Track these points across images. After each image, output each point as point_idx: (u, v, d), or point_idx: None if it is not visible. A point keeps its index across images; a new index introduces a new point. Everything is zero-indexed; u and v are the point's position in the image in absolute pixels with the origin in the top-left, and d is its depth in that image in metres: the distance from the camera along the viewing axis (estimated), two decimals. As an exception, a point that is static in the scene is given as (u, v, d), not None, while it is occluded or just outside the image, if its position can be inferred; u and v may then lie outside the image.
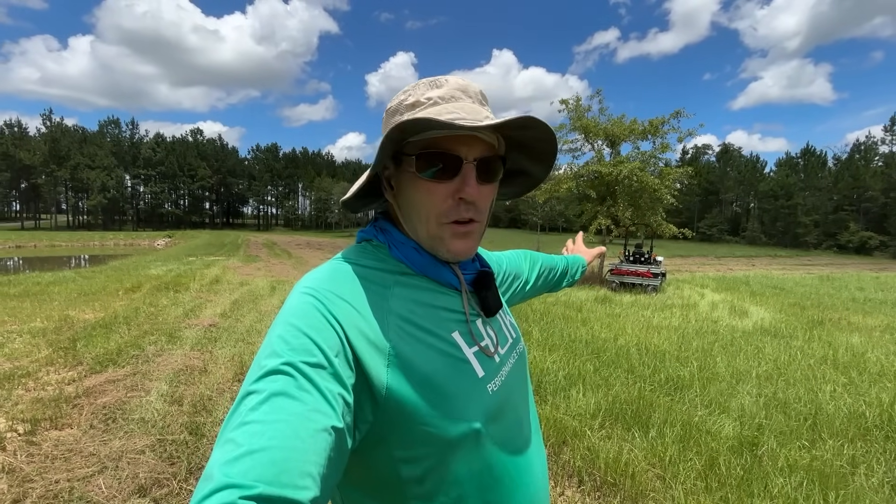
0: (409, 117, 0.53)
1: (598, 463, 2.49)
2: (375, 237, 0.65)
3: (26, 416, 2.93)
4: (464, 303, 0.64)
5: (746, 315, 8.13)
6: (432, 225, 0.60)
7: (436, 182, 0.58)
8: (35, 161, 65.77)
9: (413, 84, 0.62)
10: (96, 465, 2.36)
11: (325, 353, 0.47)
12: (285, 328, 0.49)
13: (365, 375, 0.50)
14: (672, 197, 12.09)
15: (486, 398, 0.58)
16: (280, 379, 0.44)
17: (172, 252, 24.56)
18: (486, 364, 0.61)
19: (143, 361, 4.17)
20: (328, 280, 0.56)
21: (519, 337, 0.75)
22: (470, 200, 0.58)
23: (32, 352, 4.44)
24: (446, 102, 0.59)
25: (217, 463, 0.38)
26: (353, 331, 0.51)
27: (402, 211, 0.63)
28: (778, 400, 3.56)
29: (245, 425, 0.40)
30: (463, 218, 0.59)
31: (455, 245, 0.60)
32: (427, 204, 0.59)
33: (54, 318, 6.00)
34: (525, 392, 0.70)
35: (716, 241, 72.71)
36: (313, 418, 0.42)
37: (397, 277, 0.60)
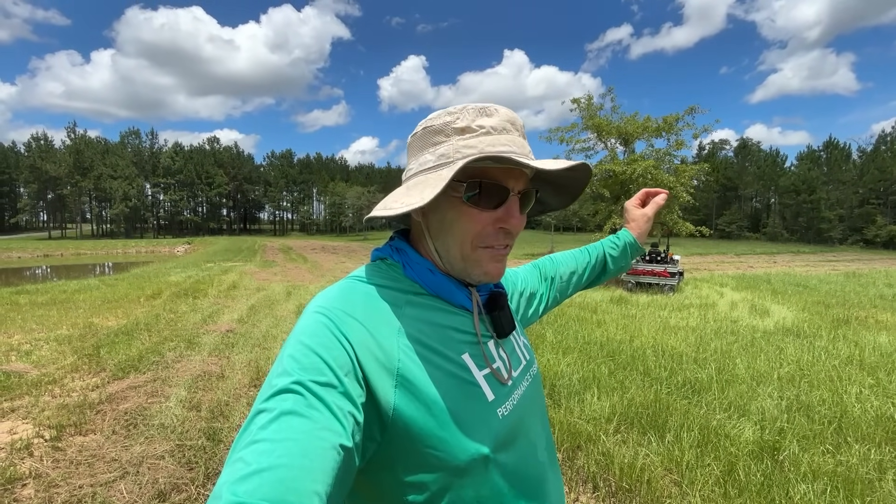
0: (483, 151, 0.56)
1: (612, 468, 2.46)
2: (390, 256, 0.65)
3: (52, 422, 3.03)
4: (476, 325, 0.63)
5: (768, 314, 7.94)
6: (468, 247, 0.60)
7: (480, 210, 0.59)
8: (60, 172, 67.96)
9: (459, 107, 0.62)
10: (118, 471, 2.43)
11: (336, 372, 0.47)
12: (296, 347, 0.49)
13: (373, 395, 0.50)
14: (688, 195, 11.88)
15: (495, 423, 0.57)
16: (290, 398, 0.44)
17: (191, 258, 25.10)
18: (496, 388, 0.60)
19: (163, 367, 4.27)
20: (340, 299, 0.56)
21: (533, 359, 0.74)
22: (513, 231, 0.61)
23: (58, 359, 4.59)
24: (498, 134, 0.59)
25: (226, 482, 0.38)
26: (363, 350, 0.51)
27: (431, 230, 0.63)
28: (801, 403, 3.46)
29: (254, 444, 0.40)
30: (501, 244, 0.61)
31: (491, 267, 0.62)
32: (468, 229, 0.59)
33: (79, 326, 6.19)
34: (539, 416, 0.69)
35: (735, 238, 71.15)
36: (323, 437, 0.42)
37: (409, 297, 0.61)
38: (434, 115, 0.63)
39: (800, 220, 68.98)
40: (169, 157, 80.00)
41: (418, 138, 0.64)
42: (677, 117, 11.95)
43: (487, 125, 0.59)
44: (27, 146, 73.62)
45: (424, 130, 0.63)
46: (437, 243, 0.63)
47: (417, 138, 0.64)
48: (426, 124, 0.63)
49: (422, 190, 0.57)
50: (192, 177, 79.50)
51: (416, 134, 0.64)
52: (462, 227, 0.60)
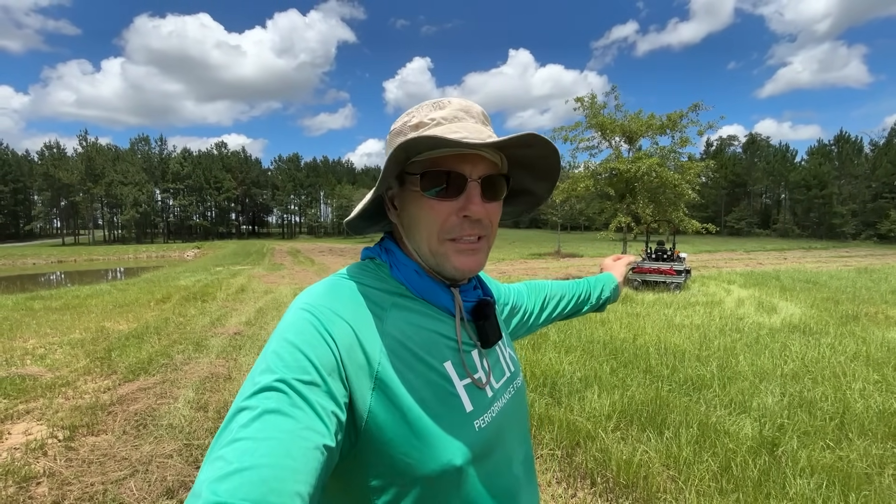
0: (413, 136, 0.54)
1: (610, 465, 2.49)
2: (379, 256, 0.65)
3: (65, 423, 3.12)
4: (457, 330, 0.62)
5: (775, 311, 7.88)
6: (434, 242, 0.60)
7: (440, 200, 0.58)
8: (73, 180, 69.15)
9: (416, 106, 0.63)
10: (128, 469, 2.51)
11: (319, 371, 0.47)
12: (280, 344, 0.49)
13: (352, 395, 0.50)
14: (693, 192, 11.81)
15: (471, 435, 0.55)
16: (273, 396, 0.43)
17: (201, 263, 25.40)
18: (476, 398, 0.59)
19: (172, 370, 4.36)
20: (326, 296, 0.56)
21: (518, 371, 0.72)
22: (475, 218, 0.59)
23: (72, 362, 4.71)
24: (450, 123, 0.59)
25: (206, 480, 0.37)
26: (347, 350, 0.51)
27: (405, 230, 0.63)
28: (803, 399, 3.46)
29: (236, 442, 0.39)
30: (469, 235, 0.59)
31: (460, 261, 0.60)
32: (430, 221, 0.59)
33: (91, 330, 6.33)
34: (520, 430, 0.67)
35: (745, 235, 70.38)
36: (306, 436, 0.42)
37: (395, 299, 0.60)
38: (398, 119, 0.64)
39: (811, 215, 68.06)
40: (178, 162, 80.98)
41: (387, 143, 0.65)
42: (681, 114, 11.89)
43: (438, 117, 0.59)
44: (40, 154, 75.04)
45: (389, 135, 0.65)
46: (410, 242, 0.63)
47: (386, 143, 0.65)
48: (392, 127, 0.64)
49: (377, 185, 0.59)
50: (200, 182, 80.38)
51: (386, 140, 0.66)
52: (425, 220, 0.59)
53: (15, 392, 3.75)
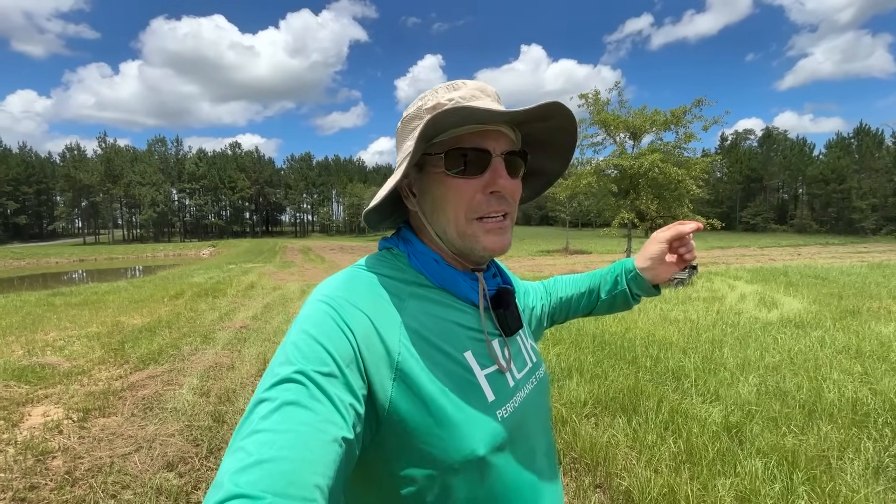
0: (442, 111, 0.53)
1: (577, 446, 2.65)
2: (396, 246, 0.65)
3: (80, 406, 3.39)
4: (481, 316, 0.61)
5: (775, 306, 7.89)
6: (462, 222, 0.59)
7: (465, 178, 0.57)
8: (93, 181, 71.20)
9: (430, 90, 0.62)
10: (134, 446, 2.75)
11: (338, 363, 0.47)
12: (299, 336, 0.49)
13: (372, 387, 0.50)
14: (698, 188, 11.78)
15: (493, 424, 0.55)
16: (292, 388, 0.44)
17: (215, 261, 26.02)
18: (498, 388, 0.58)
19: (180, 360, 4.64)
20: (344, 288, 0.56)
21: (540, 362, 0.72)
22: (502, 194, 0.58)
23: (88, 353, 5.01)
24: (468, 102, 0.58)
25: (227, 471, 0.38)
26: (365, 341, 0.51)
27: (427, 215, 0.62)
28: (778, 389, 3.56)
29: (256, 434, 0.40)
30: (495, 212, 0.59)
31: (489, 241, 0.59)
32: (456, 201, 0.58)
33: (107, 324, 6.67)
34: (542, 420, 0.67)
35: (760, 230, 69.12)
36: (324, 429, 0.42)
37: (413, 289, 0.59)
38: (410, 105, 0.64)
39: (829, 210, 66.50)
40: (193, 163, 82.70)
41: (400, 131, 0.64)
42: (685, 110, 11.86)
43: (456, 96, 0.59)
44: (62, 156, 77.39)
45: (403, 121, 0.64)
46: (434, 227, 0.62)
47: (399, 132, 0.64)
48: (404, 115, 0.64)
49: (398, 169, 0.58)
50: (215, 182, 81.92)
51: (398, 128, 0.65)
52: (451, 200, 0.58)
53: (35, 379, 4.05)
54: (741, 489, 2.17)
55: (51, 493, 2.27)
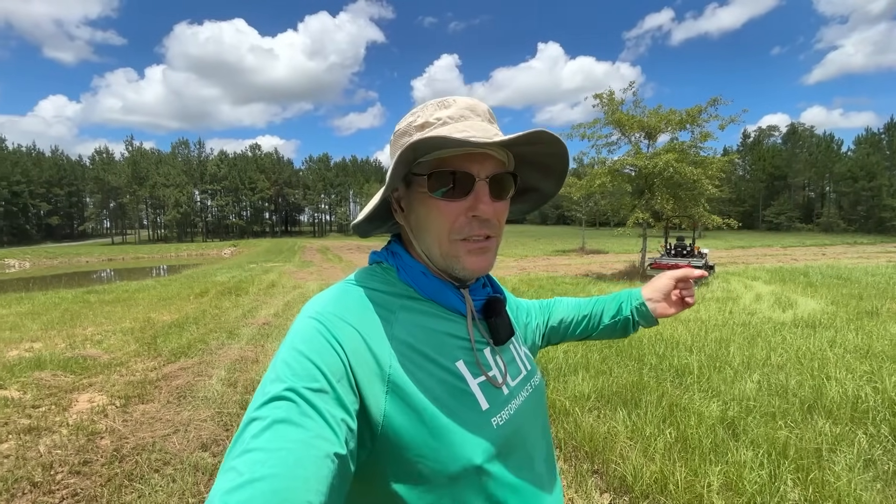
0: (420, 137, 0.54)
1: (578, 435, 2.82)
2: (386, 259, 0.65)
3: (121, 393, 3.71)
4: (469, 329, 0.62)
5: (791, 307, 7.84)
6: (444, 243, 0.59)
7: (448, 200, 0.58)
8: (120, 183, 73.70)
9: (421, 105, 0.62)
10: (171, 428, 3.03)
11: (328, 379, 0.47)
12: (289, 353, 0.49)
13: (364, 402, 0.50)
14: (715, 187, 11.70)
15: (489, 433, 0.55)
16: (283, 405, 0.44)
17: (236, 260, 26.77)
18: (492, 396, 0.58)
19: (208, 353, 4.95)
20: (333, 304, 0.56)
21: (535, 369, 0.72)
22: (484, 218, 0.58)
23: (124, 346, 5.38)
24: (456, 122, 0.59)
25: (219, 492, 0.37)
26: (355, 356, 0.51)
27: (413, 232, 0.63)
28: (780, 386, 3.65)
29: (248, 453, 0.40)
30: (478, 235, 0.59)
31: (470, 262, 0.60)
32: (439, 222, 0.58)
33: (139, 320, 7.08)
34: (540, 427, 0.67)
35: (785, 229, 67.26)
36: (316, 445, 0.42)
37: (403, 302, 0.60)
38: (402, 119, 0.64)
39: (858, 209, 64.27)
40: (215, 164, 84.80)
41: (391, 144, 0.65)
42: (700, 109, 11.79)
43: (444, 116, 0.59)
44: (91, 159, 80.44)
45: (394, 136, 0.64)
46: (419, 243, 0.62)
47: (391, 144, 0.65)
48: (396, 128, 0.64)
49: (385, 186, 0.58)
50: (236, 183, 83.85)
51: (390, 141, 0.65)
52: (434, 221, 0.59)
53: (79, 369, 4.40)
54: (729, 476, 2.31)
55: (102, 468, 2.55)
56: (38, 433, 2.99)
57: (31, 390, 3.81)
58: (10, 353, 5.06)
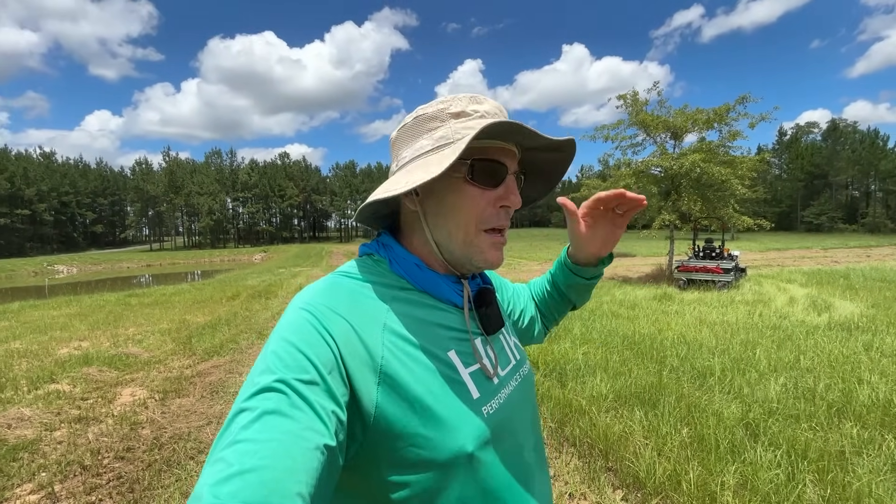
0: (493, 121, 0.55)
1: (593, 433, 2.85)
2: (377, 251, 0.65)
3: (160, 388, 3.96)
4: (466, 319, 0.63)
5: (827, 310, 7.54)
6: (472, 231, 0.60)
7: (483, 189, 0.59)
8: (158, 192, 77.28)
9: (450, 96, 0.63)
10: (205, 420, 3.23)
11: (319, 370, 0.47)
12: (279, 344, 0.49)
13: (356, 393, 0.50)
14: (745, 187, 11.36)
15: (479, 421, 0.56)
16: (273, 396, 0.43)
17: (266, 265, 27.60)
18: (482, 385, 0.59)
19: (238, 353, 5.20)
20: (324, 295, 0.56)
21: (524, 359, 0.73)
22: (510, 209, 0.62)
23: (162, 345, 5.70)
24: (492, 118, 0.60)
25: (207, 483, 0.37)
26: (346, 347, 0.51)
27: (429, 218, 0.62)
28: (807, 389, 3.56)
29: (236, 444, 0.40)
30: (502, 226, 0.62)
31: (492, 254, 0.62)
32: (471, 209, 0.59)
33: (176, 321, 7.46)
34: (529, 417, 0.67)
35: (826, 230, 64.11)
36: (306, 437, 0.42)
37: (396, 293, 0.60)
38: (425, 105, 0.64)
39: (908, 207, 60.69)
40: (246, 173, 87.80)
41: (409, 128, 0.64)
42: (728, 107, 11.48)
43: (481, 110, 0.61)
44: (132, 170, 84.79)
45: (416, 119, 0.63)
46: (435, 231, 0.62)
47: (409, 128, 0.64)
48: (418, 113, 0.63)
49: (426, 168, 0.57)
50: (266, 190, 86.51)
51: (407, 124, 0.64)
52: (465, 208, 0.59)
53: (122, 366, 4.71)
54: (745, 475, 2.30)
55: (143, 454, 2.76)
56: (86, 422, 3.24)
57: (80, 384, 4.11)
58: (62, 351, 5.45)
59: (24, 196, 66.65)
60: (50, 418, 3.29)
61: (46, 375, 4.33)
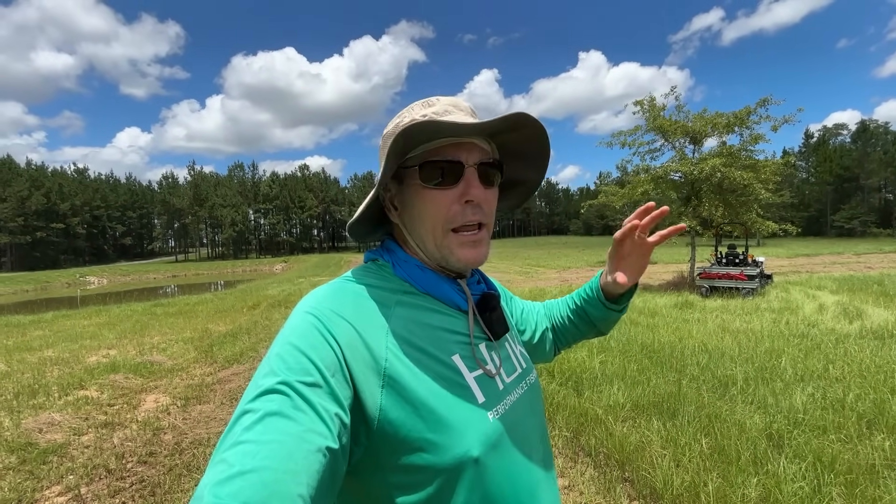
0: (410, 123, 0.55)
1: (609, 443, 2.80)
2: (381, 256, 0.66)
3: (182, 395, 4.07)
4: (469, 324, 0.63)
5: (859, 318, 7.25)
6: (439, 233, 0.60)
7: (440, 189, 0.59)
8: (184, 204, 79.73)
9: (407, 107, 0.64)
10: (225, 426, 3.29)
11: (322, 373, 0.47)
12: (284, 347, 0.49)
13: (360, 396, 0.50)
14: (768, 192, 11.07)
15: (485, 425, 0.55)
16: (276, 399, 0.44)
17: (287, 275, 28.08)
18: (487, 390, 0.59)
19: (258, 360, 5.29)
20: (329, 299, 0.56)
21: (530, 368, 0.72)
22: (476, 202, 0.60)
23: (184, 354, 5.85)
24: (441, 117, 0.60)
25: (208, 484, 0.37)
26: (350, 350, 0.51)
27: (408, 227, 0.64)
28: (835, 400, 3.43)
29: (238, 445, 0.40)
30: (470, 221, 0.60)
31: (463, 253, 0.61)
32: (433, 212, 0.60)
33: (198, 330, 7.65)
34: (536, 425, 0.67)
35: (858, 235, 61.69)
36: (308, 439, 0.42)
37: (400, 297, 0.60)
38: (389, 123, 0.66)
39: (947, 210, 57.96)
40: (267, 185, 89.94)
41: (381, 148, 0.65)
42: (749, 111, 11.25)
43: (430, 112, 0.61)
44: (159, 184, 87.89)
45: (383, 138, 0.65)
46: (414, 238, 0.64)
47: (381, 148, 0.65)
48: (384, 132, 0.65)
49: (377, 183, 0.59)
50: (286, 202, 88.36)
51: (380, 145, 0.66)
52: (429, 212, 0.60)
53: (147, 373, 4.85)
54: (767, 486, 2.23)
55: (165, 458, 2.84)
56: (112, 427, 3.36)
57: (107, 390, 4.25)
58: (91, 359, 5.65)
59: (58, 210, 69.68)
60: (78, 423, 3.41)
61: (76, 382, 4.50)
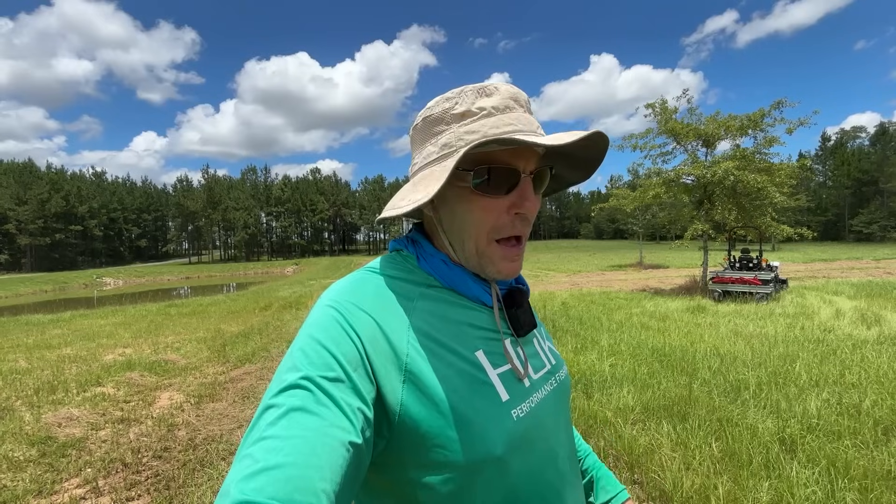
0: (486, 134, 0.53)
1: (617, 446, 2.79)
2: (406, 247, 0.64)
3: (195, 393, 4.14)
4: (496, 319, 0.61)
5: (878, 323, 7.10)
6: (483, 241, 0.58)
7: (492, 197, 0.56)
8: (197, 207, 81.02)
9: (457, 90, 0.59)
10: (236, 423, 3.36)
11: (344, 367, 0.47)
12: (306, 341, 0.49)
13: (381, 391, 0.50)
14: (783, 195, 10.90)
15: (508, 424, 0.54)
16: (299, 394, 0.44)
17: (298, 277, 28.34)
18: (512, 388, 0.57)
19: (269, 360, 5.36)
20: (351, 292, 0.55)
21: (560, 364, 0.69)
22: (527, 215, 0.58)
23: (198, 353, 5.95)
24: (501, 113, 0.56)
25: (234, 479, 0.38)
26: (372, 344, 0.51)
27: (444, 226, 0.60)
28: (851, 405, 3.37)
29: (263, 440, 0.40)
30: (518, 233, 0.58)
31: (504, 266, 0.59)
32: (481, 220, 0.57)
33: (211, 330, 7.77)
34: (562, 424, 0.65)
35: (877, 240, 60.29)
36: (331, 434, 0.42)
37: (423, 290, 0.59)
38: (433, 103, 0.60)
39: (971, 215, 56.40)
40: (279, 188, 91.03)
41: (419, 130, 0.61)
42: (763, 113, 11.11)
43: (488, 106, 0.57)
44: (174, 187, 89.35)
45: (424, 121, 0.60)
46: (451, 238, 0.60)
47: (419, 130, 0.62)
48: (426, 114, 0.60)
49: (427, 184, 0.55)
50: (298, 205, 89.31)
51: (417, 126, 0.62)
52: (475, 218, 0.57)
53: (161, 371, 4.94)
54: (779, 490, 2.20)
55: (179, 454, 2.89)
56: (128, 423, 3.43)
57: (124, 388, 4.35)
58: (107, 357, 5.77)
59: (77, 213, 71.30)
60: (96, 419, 3.49)
61: (93, 379, 4.60)
